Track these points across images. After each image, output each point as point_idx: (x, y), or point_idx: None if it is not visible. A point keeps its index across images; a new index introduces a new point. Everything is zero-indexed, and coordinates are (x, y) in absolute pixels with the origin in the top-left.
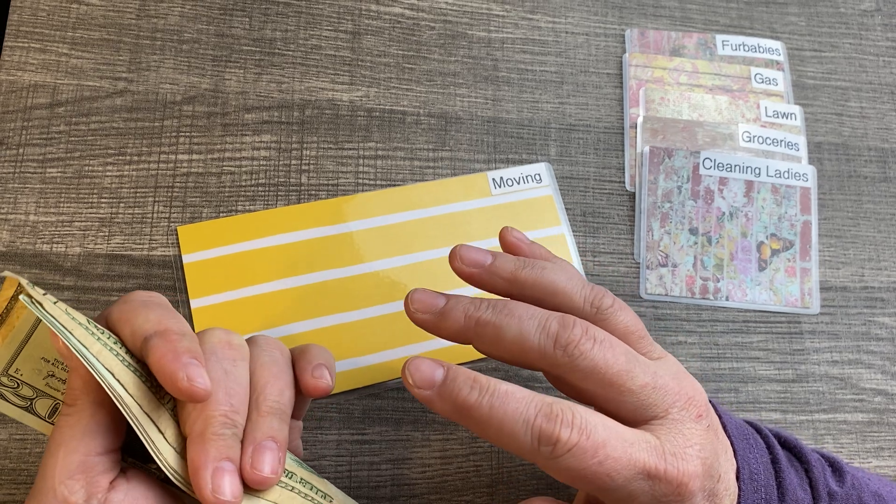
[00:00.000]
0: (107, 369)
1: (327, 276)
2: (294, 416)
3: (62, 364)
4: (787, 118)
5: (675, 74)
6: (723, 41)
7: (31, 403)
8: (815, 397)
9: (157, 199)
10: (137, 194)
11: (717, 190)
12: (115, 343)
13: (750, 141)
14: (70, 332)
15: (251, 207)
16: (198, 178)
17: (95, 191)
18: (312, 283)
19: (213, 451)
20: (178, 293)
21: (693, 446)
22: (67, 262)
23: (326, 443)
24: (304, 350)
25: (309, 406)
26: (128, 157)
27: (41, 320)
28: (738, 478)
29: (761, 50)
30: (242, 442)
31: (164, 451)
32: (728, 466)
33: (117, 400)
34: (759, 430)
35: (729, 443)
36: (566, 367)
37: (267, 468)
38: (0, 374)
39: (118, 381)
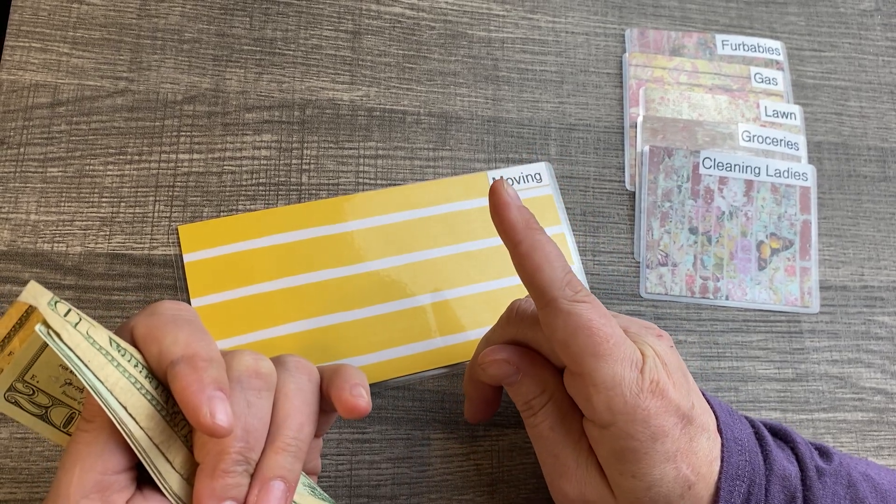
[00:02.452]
0: (120, 404)
1: (328, 276)
2: (315, 434)
3: None
4: (786, 118)
5: (675, 74)
6: (722, 41)
7: (46, 412)
8: (815, 396)
9: (157, 198)
10: (138, 194)
11: (716, 189)
12: (134, 366)
13: (750, 140)
14: (86, 365)
15: (252, 207)
16: (198, 178)
17: (96, 190)
18: (313, 282)
19: (220, 489)
20: (178, 292)
21: (660, 356)
22: (68, 262)
23: (327, 442)
24: (340, 369)
25: None
26: (129, 157)
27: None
28: (722, 447)
29: (761, 49)
30: (252, 476)
31: (170, 481)
32: (706, 414)
33: (127, 435)
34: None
35: (709, 405)
36: (567, 302)
37: None
38: (15, 380)
39: (130, 415)
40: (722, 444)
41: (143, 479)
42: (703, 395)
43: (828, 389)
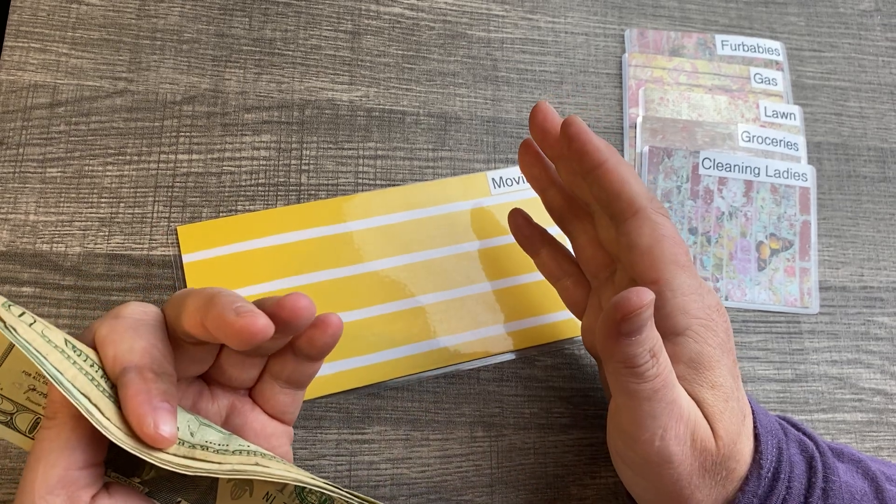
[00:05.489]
0: (83, 394)
1: (327, 276)
2: (286, 420)
3: (43, 378)
4: (786, 118)
5: (675, 74)
6: (722, 41)
7: (12, 418)
8: (815, 397)
9: (156, 198)
10: (137, 194)
11: (716, 190)
12: (91, 366)
13: (749, 141)
14: (44, 358)
15: (251, 207)
16: (198, 178)
17: (95, 191)
18: (312, 282)
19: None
20: None
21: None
22: (67, 262)
23: (326, 442)
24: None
25: (303, 407)
26: (128, 157)
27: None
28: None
29: (761, 50)
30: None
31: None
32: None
33: (97, 423)
34: None
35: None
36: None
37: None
38: None
39: (95, 405)
40: (750, 404)
41: (108, 478)
42: None
43: (827, 390)
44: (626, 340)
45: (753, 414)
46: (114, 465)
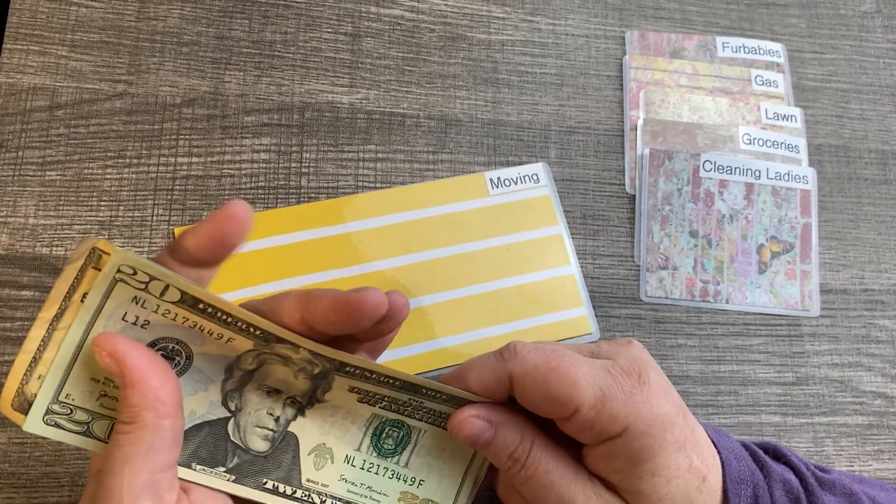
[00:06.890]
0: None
1: (326, 277)
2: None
3: (112, 382)
4: (787, 120)
5: (676, 76)
6: (723, 43)
7: (88, 427)
8: (815, 400)
9: (156, 202)
10: (137, 197)
11: (717, 192)
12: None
13: (750, 143)
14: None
15: None
16: (197, 181)
17: (95, 194)
18: (311, 283)
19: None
20: None
21: (634, 357)
22: None
23: None
24: (308, 291)
25: None
26: (127, 160)
27: (83, 343)
28: (718, 453)
29: (761, 52)
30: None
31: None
32: (696, 424)
33: (237, 312)
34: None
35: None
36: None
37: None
38: (51, 402)
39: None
40: (718, 451)
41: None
42: None
43: (828, 393)
44: (478, 446)
45: (723, 466)
46: (197, 457)
